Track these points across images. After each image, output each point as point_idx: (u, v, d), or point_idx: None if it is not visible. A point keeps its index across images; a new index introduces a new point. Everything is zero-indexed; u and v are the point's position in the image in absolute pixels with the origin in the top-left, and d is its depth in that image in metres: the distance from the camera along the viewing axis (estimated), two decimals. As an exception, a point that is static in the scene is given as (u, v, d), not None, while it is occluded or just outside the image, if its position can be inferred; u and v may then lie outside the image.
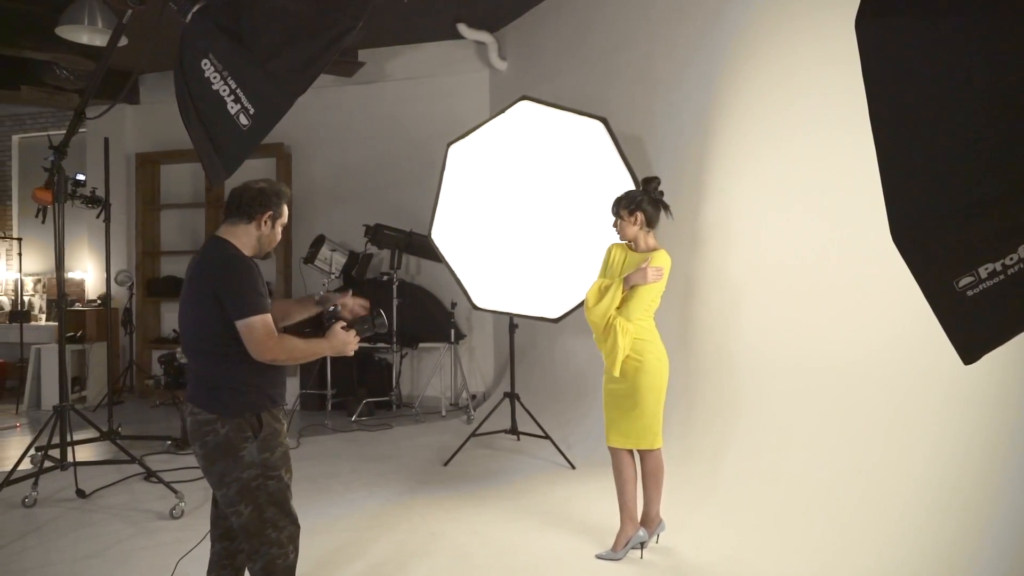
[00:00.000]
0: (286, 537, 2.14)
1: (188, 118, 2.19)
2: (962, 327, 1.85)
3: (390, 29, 6.41)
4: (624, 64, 5.06)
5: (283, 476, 2.14)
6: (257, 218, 2.16)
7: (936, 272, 1.76)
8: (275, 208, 2.18)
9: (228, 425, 2.07)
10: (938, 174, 1.67)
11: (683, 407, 4.38)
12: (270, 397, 2.17)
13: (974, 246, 1.68)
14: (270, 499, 2.11)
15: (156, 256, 7.53)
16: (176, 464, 4.62)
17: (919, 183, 1.68)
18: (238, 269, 2.08)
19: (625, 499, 3.08)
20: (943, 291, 1.76)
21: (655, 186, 3.15)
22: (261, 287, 2.10)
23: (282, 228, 2.25)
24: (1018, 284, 1.70)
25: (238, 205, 2.15)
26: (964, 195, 1.65)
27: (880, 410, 3.30)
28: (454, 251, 3.97)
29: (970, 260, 1.70)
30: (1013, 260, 1.67)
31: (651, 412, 2.96)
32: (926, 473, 2.98)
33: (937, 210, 1.69)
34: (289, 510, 2.16)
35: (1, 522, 3.56)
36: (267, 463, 2.11)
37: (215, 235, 2.20)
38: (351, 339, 2.22)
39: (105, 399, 6.81)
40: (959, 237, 1.69)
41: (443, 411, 6.25)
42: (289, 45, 2.03)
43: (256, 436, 2.10)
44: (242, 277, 2.07)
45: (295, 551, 2.17)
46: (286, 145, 7.13)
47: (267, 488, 2.11)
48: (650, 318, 3.00)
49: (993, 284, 1.70)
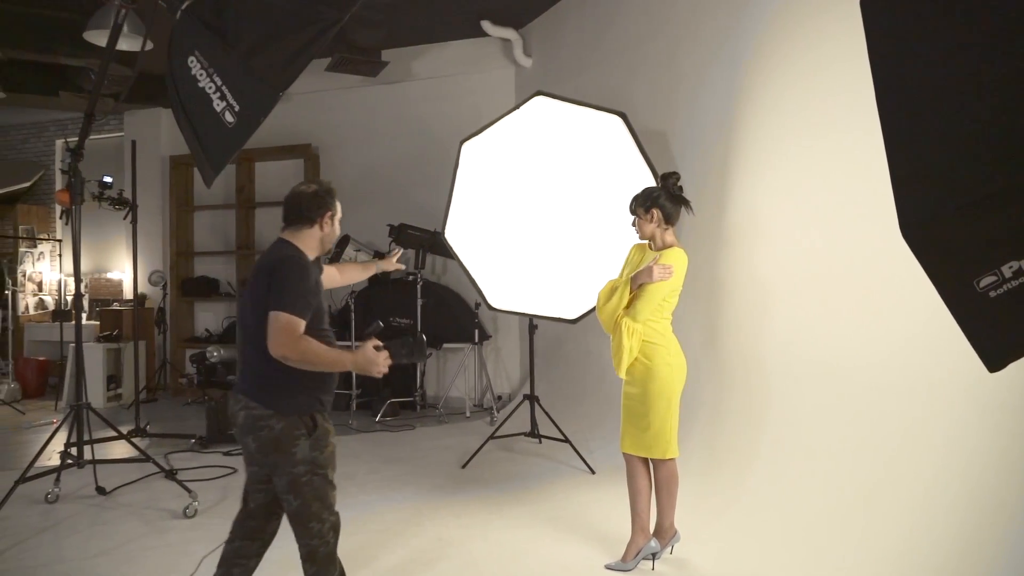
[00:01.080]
0: (328, 528, 2.24)
1: (179, 118, 2.16)
2: (985, 331, 1.69)
3: (414, 28, 6.38)
4: (647, 58, 4.92)
5: (328, 474, 2.24)
6: (319, 220, 2.26)
7: (953, 271, 1.61)
8: (332, 207, 2.29)
9: (283, 422, 2.15)
10: (953, 161, 1.51)
11: (709, 412, 4.23)
12: (320, 400, 2.24)
13: (996, 242, 1.52)
14: (315, 494, 2.19)
15: (190, 257, 7.66)
16: (199, 462, 4.67)
17: (931, 171, 1.53)
18: (292, 268, 2.15)
19: (637, 508, 2.96)
20: (962, 292, 1.61)
21: (674, 181, 3.00)
22: (308, 290, 2.14)
23: (335, 220, 2.32)
24: None
25: (299, 212, 2.24)
26: (983, 184, 1.48)
27: (914, 418, 3.11)
28: (469, 251, 3.89)
29: (992, 257, 1.54)
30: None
31: (661, 419, 2.83)
32: (964, 487, 2.78)
33: (953, 201, 1.52)
34: (331, 504, 2.24)
35: (22, 517, 3.62)
36: (316, 461, 2.20)
37: (280, 237, 2.28)
38: (380, 360, 2.14)
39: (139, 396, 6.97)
40: (979, 231, 1.52)
41: (467, 412, 6.20)
42: (274, 40, 1.99)
43: (310, 435, 2.18)
44: (292, 276, 2.13)
45: (335, 537, 2.27)
46: (314, 146, 7.17)
47: (313, 484, 2.19)
48: (663, 319, 2.86)
49: (1019, 284, 1.54)
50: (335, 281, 2.72)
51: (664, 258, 2.82)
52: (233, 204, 7.40)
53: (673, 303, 2.89)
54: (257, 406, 2.16)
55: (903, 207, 1.56)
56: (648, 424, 2.85)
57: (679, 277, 2.84)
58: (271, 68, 1.97)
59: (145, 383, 7.14)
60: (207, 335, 7.55)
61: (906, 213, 1.55)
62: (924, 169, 1.55)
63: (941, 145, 1.53)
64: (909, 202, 1.56)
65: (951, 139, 1.52)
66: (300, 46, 1.98)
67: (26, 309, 7.84)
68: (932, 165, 1.54)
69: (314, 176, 7.11)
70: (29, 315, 7.84)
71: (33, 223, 7.92)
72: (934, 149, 1.54)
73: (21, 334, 7.73)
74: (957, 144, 1.52)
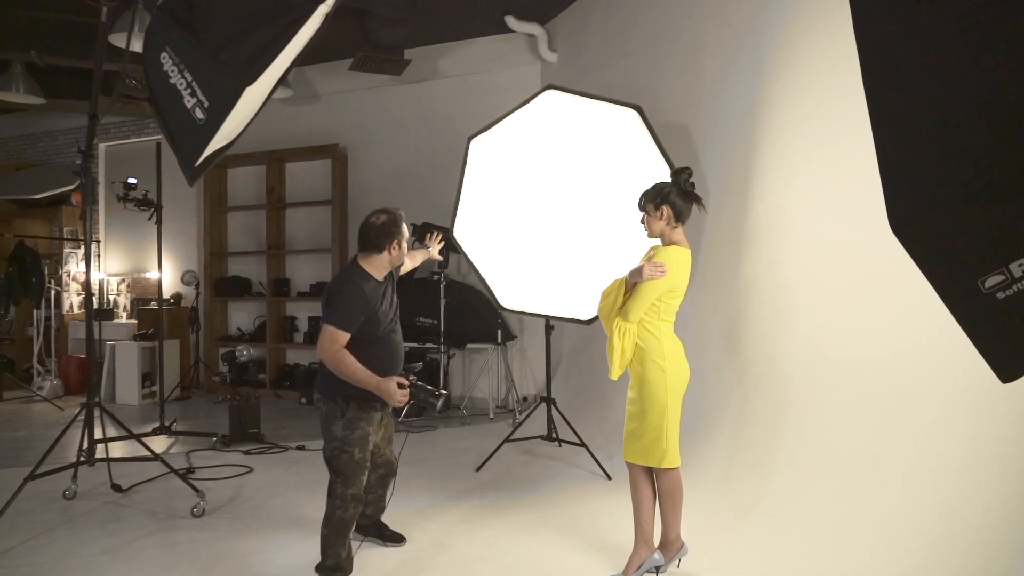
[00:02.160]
0: (349, 497, 2.67)
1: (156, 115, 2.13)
2: (995, 337, 1.52)
3: (439, 26, 6.33)
4: (673, 50, 4.75)
5: (355, 454, 2.67)
6: (387, 247, 2.71)
7: (954, 270, 1.45)
8: (398, 236, 2.73)
9: (327, 405, 2.70)
10: (950, 146, 1.34)
11: (733, 419, 4.05)
12: (360, 394, 2.64)
13: (1001, 236, 1.35)
14: (341, 468, 2.67)
15: (223, 257, 7.78)
16: (219, 461, 4.71)
17: (925, 157, 1.36)
18: (346, 291, 2.63)
19: (639, 519, 2.82)
20: (965, 293, 1.44)
21: (686, 177, 2.82)
22: (357, 308, 2.60)
23: (403, 241, 2.75)
24: None
25: (369, 241, 2.71)
26: (985, 172, 1.31)
27: (940, 424, 2.90)
28: (479, 249, 3.81)
29: (998, 254, 1.37)
30: None
31: (655, 427, 2.69)
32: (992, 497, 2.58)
33: (950, 191, 1.35)
34: (356, 481, 2.68)
35: (40, 513, 3.69)
36: (345, 440, 2.67)
37: (354, 259, 2.76)
38: (399, 396, 2.57)
39: (172, 394, 7.12)
40: (981, 225, 1.35)
41: (491, 414, 6.12)
42: (245, 33, 1.93)
43: (343, 416, 2.65)
44: (344, 296, 2.61)
45: (355, 508, 2.69)
46: (341, 146, 7.20)
47: (340, 459, 2.67)
48: (660, 320, 2.71)
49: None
50: (407, 267, 3.26)
51: (658, 255, 2.67)
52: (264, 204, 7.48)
53: (672, 304, 2.73)
54: (317, 392, 2.74)
55: (893, 199, 1.40)
56: (643, 431, 2.71)
57: (678, 276, 2.68)
58: (240, 61, 1.91)
59: (179, 381, 7.29)
60: (240, 333, 7.66)
61: (897, 206, 1.40)
62: (917, 155, 1.38)
63: (937, 128, 1.36)
64: (900, 194, 1.41)
65: (948, 120, 1.35)
66: (270, 38, 1.93)
67: (70, 308, 8.10)
68: (927, 150, 1.37)
69: (340, 176, 7.14)
70: (73, 314, 8.09)
71: (76, 225, 8.17)
72: (929, 132, 1.37)
73: (66, 332, 7.98)
74: (955, 127, 1.35)
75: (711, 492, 3.74)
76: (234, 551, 3.14)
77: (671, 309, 2.74)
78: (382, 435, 2.95)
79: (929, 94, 1.37)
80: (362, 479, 2.71)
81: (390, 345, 2.75)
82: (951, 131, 1.34)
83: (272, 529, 3.41)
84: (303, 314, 7.45)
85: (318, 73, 7.33)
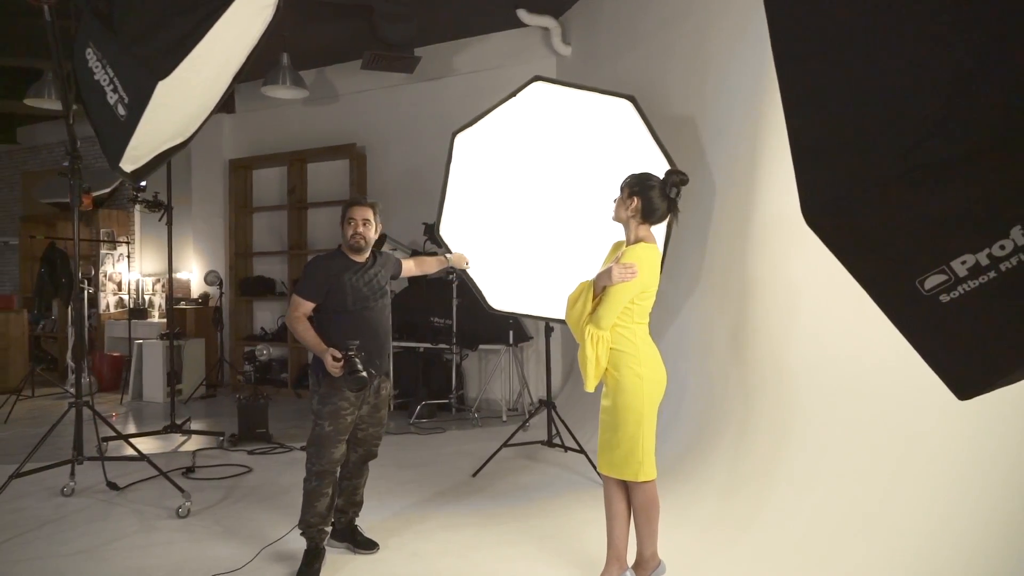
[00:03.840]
0: (315, 471, 2.88)
1: (85, 111, 2.08)
2: (944, 349, 1.32)
3: (451, 22, 6.24)
4: (679, 38, 4.53)
5: (325, 426, 2.86)
6: (343, 231, 3.01)
7: (885, 269, 1.26)
8: (343, 219, 3.00)
9: (312, 380, 2.99)
10: (873, 119, 1.13)
11: (737, 428, 3.83)
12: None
13: (940, 229, 1.15)
14: (313, 439, 2.90)
15: (248, 257, 7.88)
16: (222, 460, 4.72)
17: (844, 134, 1.16)
18: (310, 264, 3.03)
19: (611, 535, 2.65)
20: (902, 296, 1.25)
21: (676, 181, 2.60)
22: (315, 279, 2.91)
23: (352, 224, 2.95)
24: (1018, 285, 1.17)
25: None
26: (917, 149, 1.09)
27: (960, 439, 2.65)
28: (467, 249, 3.68)
29: (936, 249, 1.18)
30: (1007, 249, 1.14)
31: (630, 437, 2.51)
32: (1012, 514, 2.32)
33: (874, 173, 1.14)
34: (324, 454, 2.87)
35: (35, 509, 3.74)
36: (318, 413, 2.89)
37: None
38: (332, 365, 2.76)
39: (197, 392, 7.24)
40: (913, 213, 1.15)
41: (503, 416, 5.99)
42: (160, 26, 1.86)
43: (319, 391, 2.90)
44: (307, 268, 2.99)
45: (319, 483, 2.88)
46: (359, 145, 7.18)
47: (314, 431, 2.90)
48: (634, 324, 2.53)
49: (979, 285, 1.18)
50: (412, 271, 3.47)
51: (627, 255, 2.50)
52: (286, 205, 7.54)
53: (646, 306, 2.55)
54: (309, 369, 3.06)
55: (807, 186, 1.22)
56: (617, 442, 2.54)
57: (649, 276, 2.50)
58: (154, 55, 1.84)
59: (204, 379, 7.41)
60: (263, 333, 7.74)
61: (811, 194, 1.21)
62: (835, 133, 1.19)
63: (858, 98, 1.17)
64: (815, 179, 1.22)
65: (871, 89, 1.15)
66: (185, 31, 1.85)
67: (107, 307, 8.34)
68: (846, 127, 1.18)
69: (358, 176, 7.13)
70: (109, 313, 8.33)
71: (112, 227, 8.41)
72: (848, 104, 1.18)
73: (103, 331, 8.22)
74: (879, 96, 1.15)
75: (709, 504, 3.53)
76: (204, 555, 3.10)
77: (644, 311, 2.56)
78: (368, 411, 3.03)
79: (847, 60, 1.18)
80: (332, 453, 2.88)
81: (362, 320, 2.94)
82: (874, 102, 1.14)
83: (247, 536, 3.36)
84: (324, 314, 7.48)
85: (336, 73, 7.33)
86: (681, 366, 4.60)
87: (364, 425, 3.05)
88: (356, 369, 2.71)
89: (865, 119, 1.16)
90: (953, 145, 1.08)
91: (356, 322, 2.93)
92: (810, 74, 1.21)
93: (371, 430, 3.09)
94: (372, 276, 3.02)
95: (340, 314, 2.92)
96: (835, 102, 1.18)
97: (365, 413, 3.02)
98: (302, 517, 2.91)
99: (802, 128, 1.21)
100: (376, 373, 2.95)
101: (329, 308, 2.92)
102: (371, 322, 2.99)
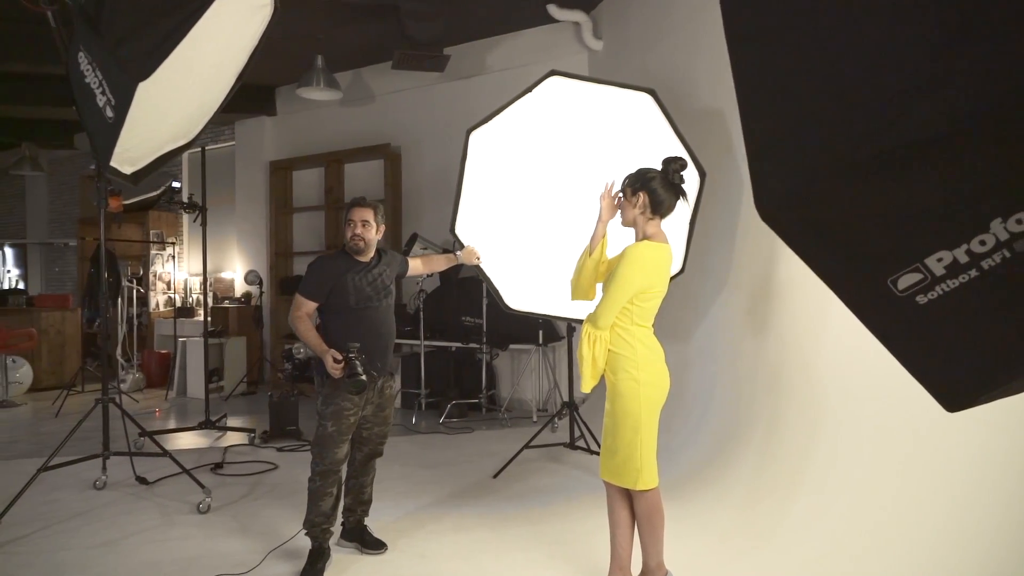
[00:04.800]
0: (320, 470, 2.88)
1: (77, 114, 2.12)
2: (926, 356, 1.21)
3: (481, 20, 6.21)
4: (707, 27, 4.37)
5: (328, 427, 2.86)
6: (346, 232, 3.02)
7: (852, 267, 1.15)
8: (344, 220, 3.03)
9: (317, 380, 2.96)
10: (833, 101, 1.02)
11: (762, 431, 3.68)
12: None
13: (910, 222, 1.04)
14: (317, 439, 2.90)
15: (288, 256, 8.02)
16: (252, 457, 4.81)
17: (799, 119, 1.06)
18: (312, 265, 3.04)
19: (614, 544, 2.57)
20: (873, 297, 1.15)
21: (676, 168, 2.54)
22: (317, 279, 2.93)
23: (351, 226, 2.96)
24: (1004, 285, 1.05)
25: None
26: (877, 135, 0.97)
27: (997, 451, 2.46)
28: (484, 248, 3.63)
29: (909, 246, 1.06)
30: (987, 245, 1.02)
31: (627, 444, 2.42)
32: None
33: (832, 162, 1.03)
34: (327, 454, 2.87)
35: (67, 501, 3.87)
36: (322, 413, 2.89)
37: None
38: (333, 367, 2.75)
39: (237, 389, 7.41)
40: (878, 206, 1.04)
41: (534, 416, 5.93)
42: (144, 27, 1.87)
43: (323, 391, 2.90)
44: (310, 268, 3.01)
45: (322, 482, 2.88)
46: (393, 145, 7.22)
47: (318, 431, 2.89)
48: (635, 325, 2.43)
49: (960, 285, 1.06)
50: (419, 270, 3.46)
51: (623, 253, 2.40)
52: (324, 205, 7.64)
53: (647, 307, 2.44)
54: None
55: (761, 176, 1.11)
56: (616, 448, 2.45)
57: (651, 275, 2.40)
58: (135, 58, 1.86)
59: (245, 376, 7.59)
60: (303, 332, 7.86)
61: (766, 184, 1.11)
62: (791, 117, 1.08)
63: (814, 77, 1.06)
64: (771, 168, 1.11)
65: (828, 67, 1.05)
66: (166, 33, 1.85)
67: (156, 306, 8.62)
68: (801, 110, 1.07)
69: (392, 176, 7.17)
70: (159, 311, 8.62)
71: (162, 228, 8.69)
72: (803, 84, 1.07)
73: (152, 329, 8.51)
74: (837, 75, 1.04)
75: (731, 513, 3.39)
76: (215, 552, 3.15)
77: (646, 312, 2.46)
78: (372, 410, 3.02)
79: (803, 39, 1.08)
80: (335, 453, 2.88)
81: (365, 319, 2.94)
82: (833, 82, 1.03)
83: (260, 533, 3.39)
84: (360, 313, 7.56)
85: (372, 74, 7.39)
86: (709, 368, 4.45)
87: (369, 424, 3.04)
88: (356, 372, 2.70)
89: (822, 102, 1.05)
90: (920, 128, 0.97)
91: (359, 321, 2.92)
92: (763, 55, 1.11)
93: (376, 429, 3.08)
94: (376, 275, 3.01)
95: (343, 313, 2.92)
96: (790, 84, 1.08)
97: (369, 413, 3.01)
98: (307, 517, 2.91)
99: (754, 113, 1.11)
100: (379, 373, 2.94)
101: (332, 307, 2.93)
102: (374, 321, 2.97)
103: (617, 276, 2.38)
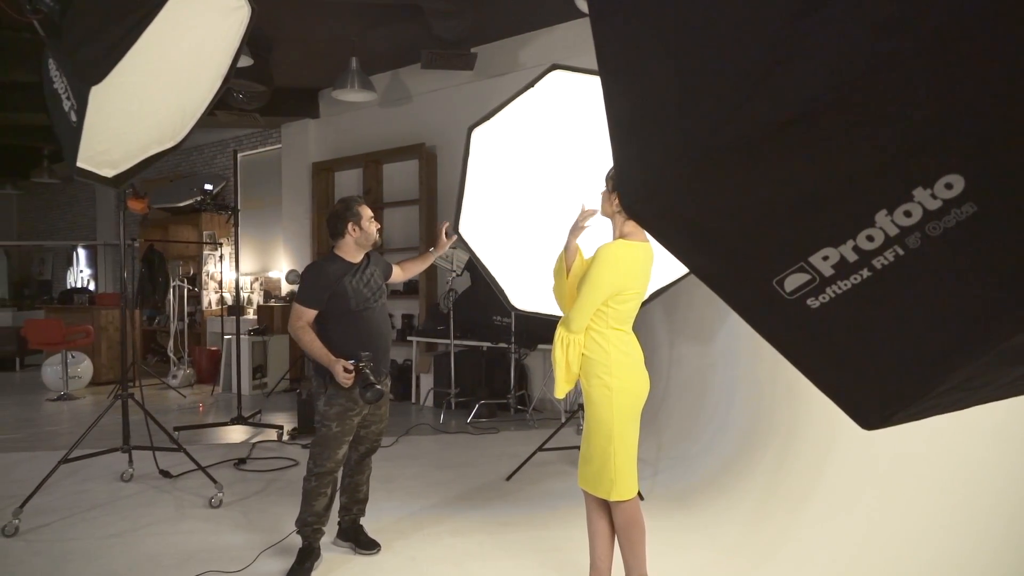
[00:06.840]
0: (318, 471, 2.86)
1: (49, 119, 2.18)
2: (824, 365, 1.09)
3: (511, 18, 6.15)
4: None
5: (332, 427, 2.84)
6: (344, 232, 2.92)
7: (730, 265, 1.03)
8: (352, 218, 2.91)
9: (316, 382, 2.94)
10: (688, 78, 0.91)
11: (781, 437, 3.50)
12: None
13: (785, 214, 0.92)
14: (319, 440, 2.88)
15: (330, 256, 8.16)
16: (276, 453, 4.90)
17: (658, 99, 0.95)
18: (308, 271, 2.99)
19: (592, 554, 2.47)
20: (759, 299, 1.03)
21: None
22: (316, 286, 2.86)
23: (372, 220, 2.94)
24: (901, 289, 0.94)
25: (331, 229, 2.97)
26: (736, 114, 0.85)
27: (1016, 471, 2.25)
28: (489, 247, 3.57)
29: (789, 242, 0.95)
30: (876, 241, 0.90)
31: (600, 453, 2.31)
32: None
33: (686, 146, 0.91)
34: (329, 455, 2.85)
35: (92, 492, 4.03)
36: (325, 414, 2.87)
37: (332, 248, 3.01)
38: (344, 377, 2.74)
39: (279, 385, 7.59)
40: (744, 196, 0.92)
41: (562, 418, 5.82)
42: (97, 32, 1.90)
43: (325, 392, 2.87)
44: (305, 276, 2.94)
45: (324, 485, 2.88)
46: (427, 145, 7.25)
47: (320, 431, 2.87)
48: (610, 328, 2.32)
49: (852, 287, 0.95)
50: (399, 277, 3.35)
51: (595, 254, 2.29)
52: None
53: (623, 309, 2.33)
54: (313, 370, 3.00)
55: (621, 164, 1.01)
56: (590, 457, 2.35)
57: (625, 276, 2.29)
58: (89, 62, 1.89)
59: (287, 373, 7.77)
60: (343, 330, 8.00)
61: (625, 173, 1.01)
62: (649, 97, 0.98)
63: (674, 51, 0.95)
64: (633, 153, 1.01)
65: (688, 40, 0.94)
66: (120, 35, 1.88)
67: (208, 304, 8.95)
68: (660, 89, 0.96)
69: (428, 175, 7.20)
70: (211, 309, 8.93)
71: (214, 229, 9.01)
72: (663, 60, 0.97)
73: (205, 326, 8.83)
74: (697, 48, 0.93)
75: (737, 528, 3.23)
76: (216, 546, 3.21)
77: (621, 315, 2.35)
78: (371, 409, 3.01)
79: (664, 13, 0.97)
80: (336, 454, 2.88)
81: (365, 321, 2.92)
82: (692, 57, 0.93)
83: (264, 528, 3.44)
84: (397, 312, 7.62)
85: (408, 75, 7.44)
86: (731, 372, 4.27)
87: (367, 423, 3.04)
88: (371, 382, 2.67)
89: (682, 80, 0.94)
90: (783, 105, 0.85)
91: (361, 324, 2.90)
92: (624, 32, 1.01)
93: (373, 427, 3.07)
94: (369, 276, 3.00)
95: (344, 317, 2.89)
96: (649, 63, 0.98)
97: (367, 412, 3.01)
98: (299, 516, 2.93)
99: (615, 94, 1.02)
100: (384, 376, 2.93)
101: (332, 312, 2.89)
102: (374, 323, 2.96)
103: (589, 278, 2.28)
